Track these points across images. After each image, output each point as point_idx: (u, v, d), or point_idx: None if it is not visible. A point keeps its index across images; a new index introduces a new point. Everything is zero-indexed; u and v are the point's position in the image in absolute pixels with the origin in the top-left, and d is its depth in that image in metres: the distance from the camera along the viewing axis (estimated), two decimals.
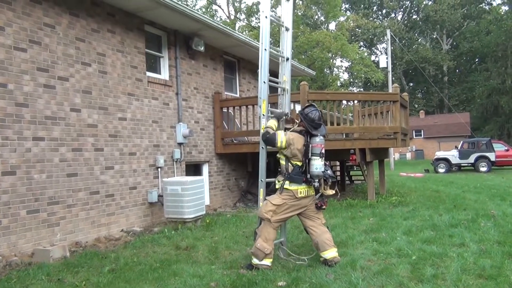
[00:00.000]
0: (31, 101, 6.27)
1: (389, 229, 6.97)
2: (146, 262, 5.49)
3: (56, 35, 6.73)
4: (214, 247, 6.15)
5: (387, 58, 31.18)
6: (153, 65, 9.16)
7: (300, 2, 38.60)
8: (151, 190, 8.36)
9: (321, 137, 5.15)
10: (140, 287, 4.52)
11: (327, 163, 5.31)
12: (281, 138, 5.11)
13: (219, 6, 42.14)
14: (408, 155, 48.19)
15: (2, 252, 5.69)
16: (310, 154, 5.04)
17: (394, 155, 35.07)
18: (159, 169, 8.69)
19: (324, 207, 5.30)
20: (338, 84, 39.81)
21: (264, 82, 5.35)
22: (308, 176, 5.04)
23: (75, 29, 7.06)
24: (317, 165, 5.01)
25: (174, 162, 9.19)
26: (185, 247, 6.25)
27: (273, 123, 5.40)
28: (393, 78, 39.99)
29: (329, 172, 5.18)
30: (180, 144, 9.37)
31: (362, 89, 51.20)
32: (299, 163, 5.10)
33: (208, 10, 41.31)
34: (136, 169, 8.14)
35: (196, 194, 7.97)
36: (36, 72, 6.37)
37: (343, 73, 46.09)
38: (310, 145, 5.07)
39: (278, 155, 5.30)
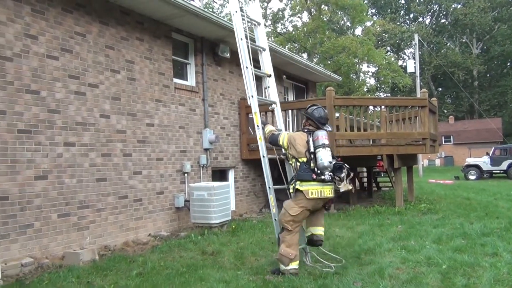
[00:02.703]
0: (63, 107, 6.44)
1: (418, 237, 6.82)
2: (173, 266, 5.53)
3: (87, 43, 6.90)
4: (240, 253, 6.15)
5: (415, 63, 30.74)
6: (180, 71, 9.28)
7: (326, 7, 38.46)
8: (178, 195, 8.44)
9: (323, 131, 5.17)
10: None
11: (338, 158, 5.34)
12: (283, 136, 5.35)
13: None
14: (437, 162, 47.20)
15: (34, 254, 5.84)
16: (313, 148, 5.02)
17: (422, 161, 34.41)
18: (185, 175, 8.77)
19: (327, 207, 5.31)
20: (365, 90, 39.39)
21: (252, 96, 5.68)
22: (317, 170, 4.96)
23: (105, 37, 7.23)
24: (322, 156, 4.93)
25: (200, 168, 9.25)
26: (211, 252, 6.27)
27: (273, 127, 5.72)
28: (421, 83, 39.30)
29: (340, 164, 5.11)
30: (206, 149, 9.44)
31: (389, 95, 50.48)
32: (305, 159, 5.08)
33: None
34: (163, 174, 8.24)
35: (222, 200, 8.01)
36: (67, 79, 6.55)
37: (370, 79, 45.63)
38: (312, 139, 5.08)
39: (289, 161, 5.40)
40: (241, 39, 5.82)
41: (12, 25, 5.83)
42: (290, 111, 12.26)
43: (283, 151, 5.55)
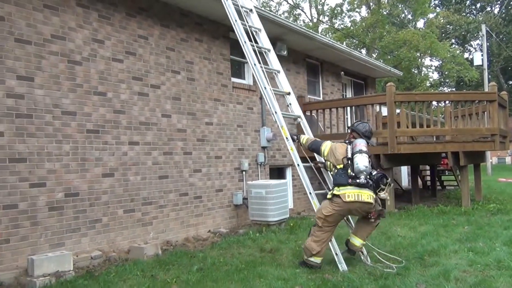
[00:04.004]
0: (127, 108, 6.74)
1: (487, 239, 6.46)
2: (232, 262, 5.62)
3: (149, 45, 7.17)
4: (298, 251, 6.13)
5: (482, 55, 29.09)
6: (237, 71, 9.40)
7: (386, 1, 37.34)
8: (236, 193, 8.57)
9: (362, 139, 5.35)
10: (227, 287, 4.64)
11: (378, 169, 5.44)
12: (326, 145, 5.56)
13: (302, 10, 42.15)
14: (508, 159, 44.33)
15: (102, 248, 6.17)
16: (351, 154, 5.18)
17: (491, 159, 32.53)
18: (243, 172, 8.88)
19: (372, 219, 5.26)
20: (428, 85, 37.84)
21: (275, 112, 5.99)
22: (353, 174, 5.06)
23: (166, 39, 7.47)
24: (358, 160, 5.05)
25: (258, 166, 9.33)
26: (269, 250, 6.30)
27: (308, 136, 6.02)
28: (490, 76, 37.12)
29: (377, 173, 5.20)
30: (264, 147, 9.50)
31: (454, 89, 48.18)
32: (342, 165, 5.23)
33: (291, 14, 41.48)
34: (222, 172, 8.39)
35: (280, 198, 8.03)
36: (131, 81, 6.84)
37: (433, 73, 43.75)
38: (351, 147, 5.26)
39: (327, 169, 5.60)
40: (255, 64, 6.18)
41: (81, 30, 6.19)
42: (348, 108, 12.04)
43: (323, 159, 5.71)
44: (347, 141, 5.47)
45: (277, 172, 10.25)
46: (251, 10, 6.95)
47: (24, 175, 5.40)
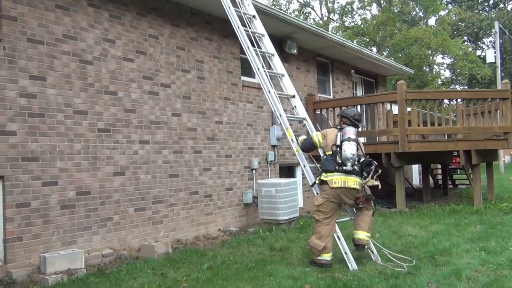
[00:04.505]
0: (138, 107, 6.78)
1: (500, 238, 6.39)
2: (242, 261, 5.63)
3: (159, 45, 7.20)
4: (308, 250, 6.08)
5: (495, 52, 28.73)
6: (247, 69, 9.37)
7: None
8: (246, 191, 8.57)
9: (351, 127, 5.45)
10: (237, 286, 4.64)
11: (367, 156, 5.58)
12: (315, 134, 5.71)
13: (312, 8, 41.95)
14: None
15: (113, 246, 6.22)
16: (340, 141, 5.30)
17: (504, 157, 32.14)
18: (253, 171, 8.88)
19: (360, 204, 5.32)
20: (439, 82, 37.47)
21: (280, 115, 6.01)
22: (340, 161, 5.19)
23: (176, 39, 7.50)
24: (346, 148, 5.19)
25: (268, 164, 9.32)
26: (279, 248, 6.30)
27: (301, 137, 6.03)
28: (503, 74, 36.63)
29: (364, 160, 5.34)
30: (273, 146, 9.49)
31: (466, 87, 47.67)
32: (331, 152, 5.37)
33: (301, 12, 41.35)
34: (231, 171, 8.41)
35: (290, 196, 8.02)
36: (142, 80, 6.88)
37: (445, 71, 43.28)
38: (341, 134, 5.38)
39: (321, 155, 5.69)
40: (258, 69, 6.24)
41: (92, 30, 6.24)
42: (358, 107, 11.96)
43: (320, 152, 5.74)
44: (338, 127, 5.61)
45: (287, 171, 10.24)
46: (254, 17, 6.99)
47: (36, 173, 5.47)
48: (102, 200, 6.18)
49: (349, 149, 5.17)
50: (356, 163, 5.23)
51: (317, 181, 5.42)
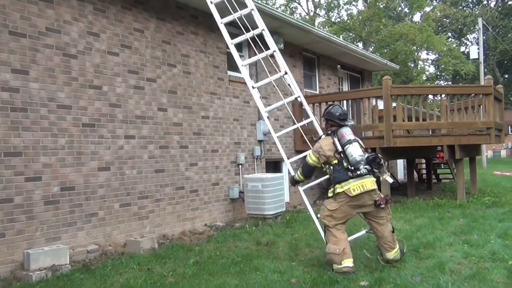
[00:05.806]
0: (123, 101, 6.71)
1: (482, 231, 6.51)
2: (228, 256, 5.64)
3: (145, 39, 7.13)
4: (294, 244, 6.16)
5: (478, 48, 29.11)
6: (234, 64, 9.33)
7: None
8: (233, 186, 8.57)
9: (345, 127, 5.07)
10: (223, 280, 4.65)
11: (369, 150, 5.23)
12: (309, 156, 5.24)
13: (298, 3, 41.93)
14: (503, 153, 44.58)
15: (98, 242, 6.17)
16: (340, 147, 4.93)
17: (486, 152, 32.65)
18: (240, 166, 8.88)
19: (382, 205, 4.86)
20: (424, 78, 37.85)
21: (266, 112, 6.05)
22: (351, 167, 4.83)
23: (162, 33, 7.43)
24: (351, 151, 4.84)
25: (255, 159, 9.33)
26: (265, 243, 6.33)
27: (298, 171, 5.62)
28: (486, 70, 37.16)
29: (369, 156, 4.97)
30: (260, 141, 9.50)
31: (450, 83, 48.22)
32: (336, 161, 4.97)
33: (288, 7, 41.31)
34: (218, 166, 8.39)
35: (276, 191, 8.04)
36: (127, 75, 6.81)
37: (429, 67, 43.76)
38: (337, 139, 4.99)
39: (324, 169, 5.20)
40: (242, 65, 6.34)
41: (76, 23, 6.14)
42: (344, 102, 12.03)
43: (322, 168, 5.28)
44: (329, 132, 5.16)
45: (274, 166, 10.26)
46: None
47: (19, 169, 5.39)
48: (87, 195, 6.11)
49: (355, 151, 4.82)
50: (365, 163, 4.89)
51: (330, 194, 4.98)
